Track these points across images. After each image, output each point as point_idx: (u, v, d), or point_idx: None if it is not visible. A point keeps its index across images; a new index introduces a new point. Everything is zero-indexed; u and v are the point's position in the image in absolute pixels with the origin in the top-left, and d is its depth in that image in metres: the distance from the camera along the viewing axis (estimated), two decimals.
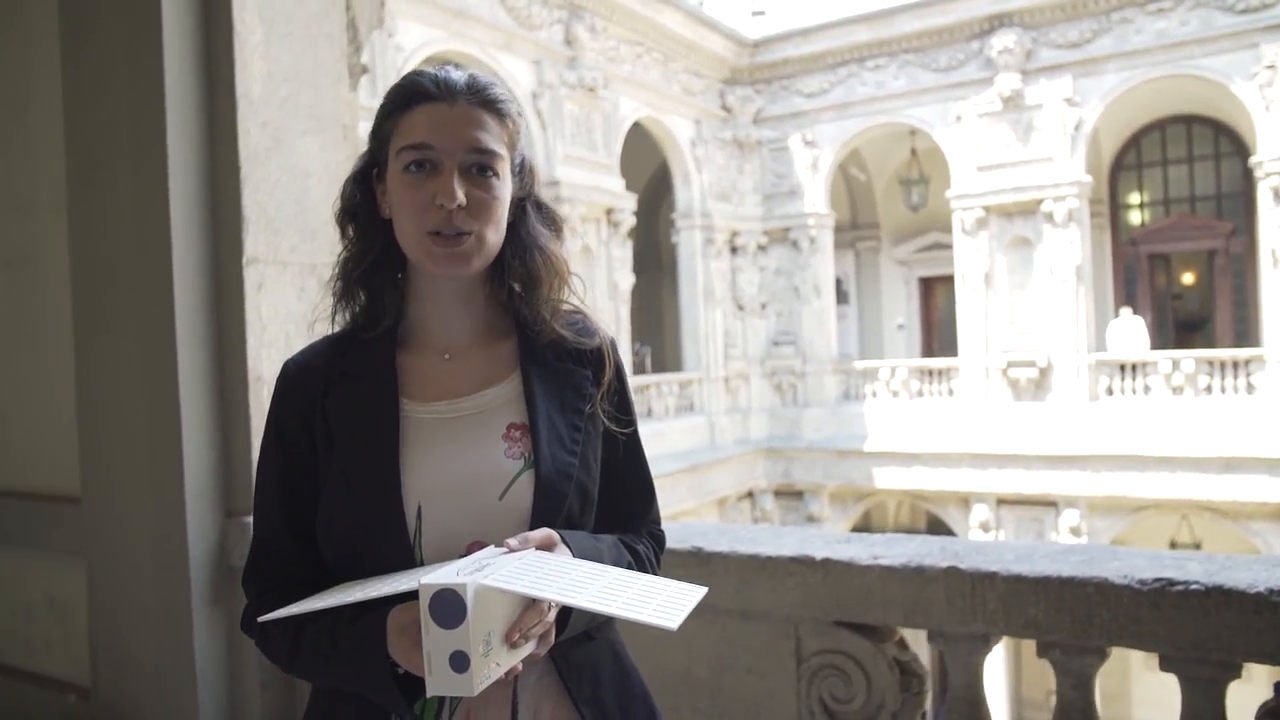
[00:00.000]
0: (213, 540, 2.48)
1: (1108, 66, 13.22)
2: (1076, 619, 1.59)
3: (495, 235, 1.17)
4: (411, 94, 1.16)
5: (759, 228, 15.87)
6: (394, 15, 10.05)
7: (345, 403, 1.17)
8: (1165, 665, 1.58)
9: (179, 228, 2.43)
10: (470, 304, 1.23)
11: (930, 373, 15.04)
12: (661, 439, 13.73)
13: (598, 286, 12.92)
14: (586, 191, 12.61)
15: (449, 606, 0.90)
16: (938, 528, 14.76)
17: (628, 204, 13.48)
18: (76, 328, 2.69)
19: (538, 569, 0.98)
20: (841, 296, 17.78)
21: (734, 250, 15.73)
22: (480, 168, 1.14)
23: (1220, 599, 1.50)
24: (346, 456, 1.14)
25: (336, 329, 1.24)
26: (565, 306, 1.25)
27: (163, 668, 2.52)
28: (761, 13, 15.79)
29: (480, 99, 1.16)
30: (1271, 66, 12.22)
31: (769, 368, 15.91)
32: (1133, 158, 16.73)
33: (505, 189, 1.18)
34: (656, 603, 0.97)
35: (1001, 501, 13.80)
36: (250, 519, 2.40)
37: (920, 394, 14.98)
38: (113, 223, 2.57)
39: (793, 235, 15.74)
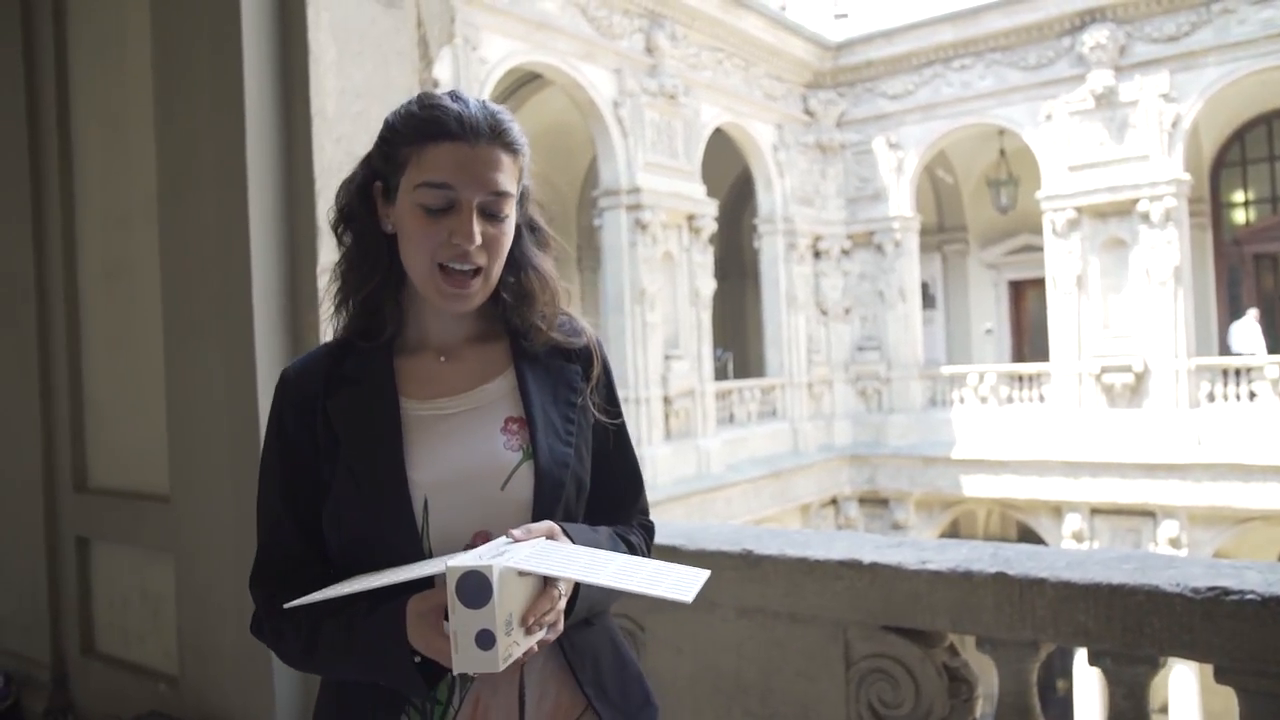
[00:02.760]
0: None
1: (1208, 60, 12.70)
2: (1127, 627, 1.56)
3: (499, 267, 1.23)
4: (435, 130, 1.19)
5: (842, 232, 15.70)
6: (477, 29, 10.27)
7: (347, 405, 1.23)
8: (1220, 677, 1.54)
9: (257, 239, 2.55)
10: (465, 314, 1.28)
11: (1020, 378, 14.65)
12: (744, 444, 13.69)
13: (679, 292, 12.96)
14: (668, 198, 12.67)
15: (475, 587, 0.96)
16: (1029, 537, 14.35)
17: (709, 210, 13.49)
18: (166, 335, 2.84)
19: (553, 555, 1.04)
20: (928, 301, 17.46)
21: (817, 255, 15.59)
22: (495, 208, 1.20)
23: (1279, 609, 1.45)
24: (353, 455, 1.20)
25: (335, 335, 1.29)
26: (555, 314, 1.31)
27: (242, 659, 2.64)
28: (844, 15, 15.64)
29: (500, 141, 1.21)
30: None
31: (853, 373, 15.71)
32: (1236, 154, 16.03)
33: (512, 224, 1.24)
34: (669, 582, 1.03)
35: (1096, 511, 13.35)
36: None
37: (1010, 400, 14.61)
38: (197, 234, 2.71)
39: (877, 239, 15.53)
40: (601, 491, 1.30)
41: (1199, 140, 14.62)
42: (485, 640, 0.96)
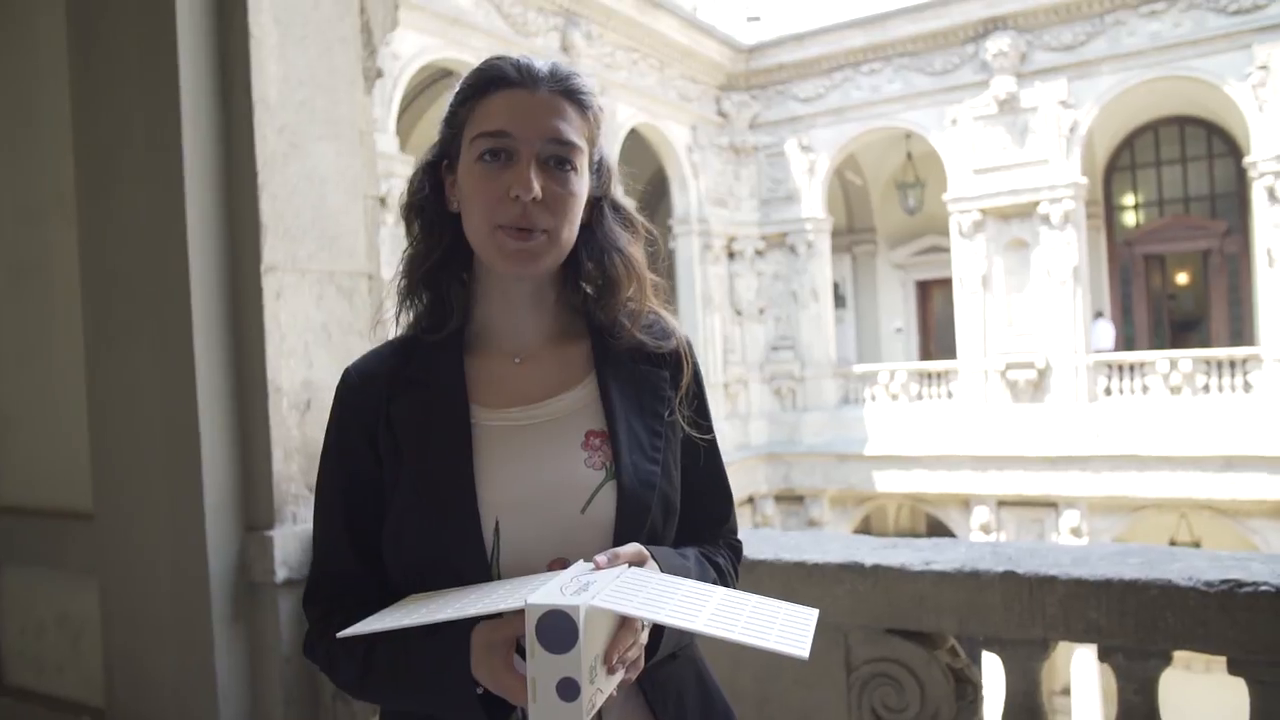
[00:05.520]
0: (232, 555, 2.42)
1: (1102, 68, 13.25)
2: (1140, 623, 1.55)
3: (569, 233, 1.10)
4: (490, 79, 1.10)
5: (756, 233, 15.86)
6: None
7: (412, 410, 1.11)
8: (1234, 669, 1.54)
9: (195, 235, 2.38)
10: (541, 305, 1.16)
11: (929, 375, 15.03)
12: None
13: None
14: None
15: (558, 630, 0.83)
16: (938, 530, 14.73)
17: None
18: (87, 339, 2.63)
19: (642, 589, 0.91)
20: (839, 301, 17.77)
21: (731, 256, 15.71)
22: (559, 160, 1.08)
23: None
24: (416, 468, 1.08)
25: (400, 332, 1.18)
26: (643, 309, 1.19)
27: (182, 686, 2.46)
28: (756, 18, 15.80)
29: (563, 88, 1.10)
30: (1264, 67, 12.26)
31: (768, 373, 15.88)
32: (1126, 159, 16.77)
33: (583, 185, 1.11)
34: (777, 627, 0.90)
35: (1002, 503, 13.78)
36: (272, 533, 2.36)
37: (919, 397, 14.96)
38: (126, 231, 2.52)
39: (790, 240, 15.73)
40: (689, 511, 1.17)
41: (1093, 145, 15.24)
42: (569, 690, 0.84)
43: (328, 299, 2.56)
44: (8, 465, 3.10)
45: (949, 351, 15.27)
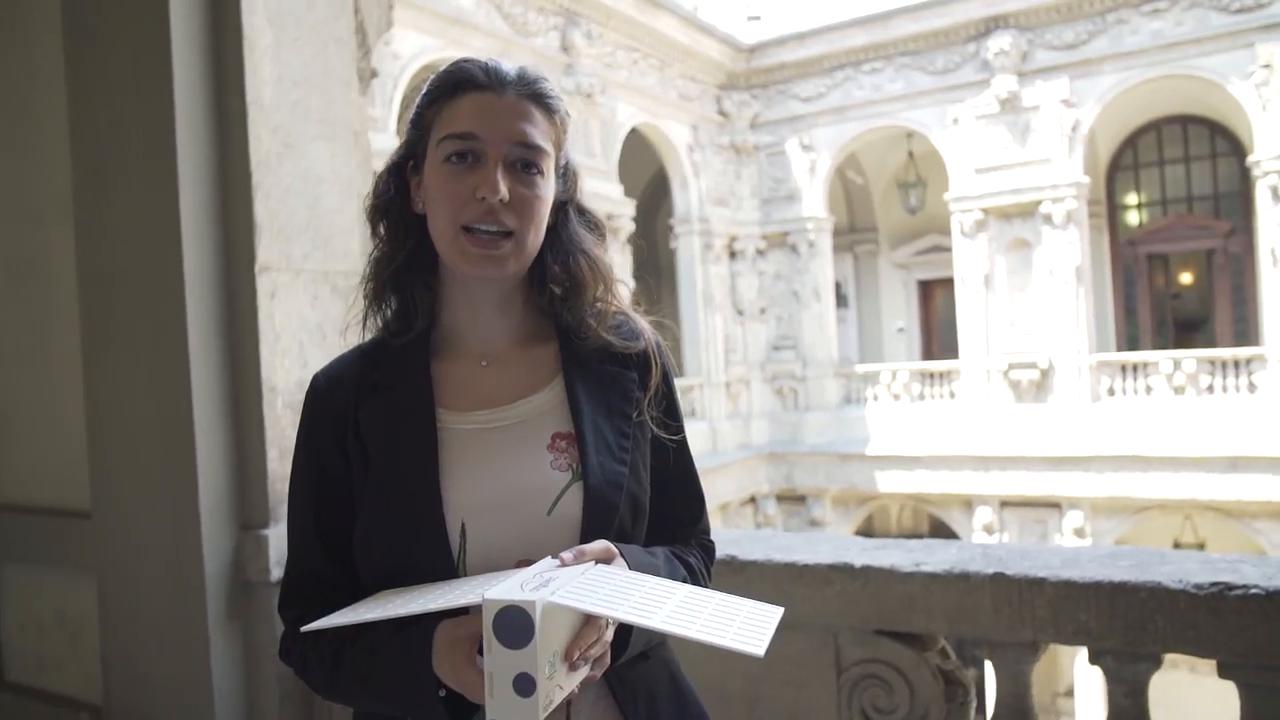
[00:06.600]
0: (228, 554, 2.43)
1: (1104, 67, 13.23)
2: (1130, 625, 1.55)
3: (535, 237, 1.12)
4: (458, 81, 1.11)
5: (757, 232, 15.86)
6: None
7: (378, 415, 1.12)
8: (1224, 672, 1.54)
9: (190, 235, 2.38)
10: (508, 308, 1.17)
11: (931, 375, 15.01)
12: None
13: None
14: (586, 198, 12.53)
15: (514, 625, 0.84)
16: (940, 530, 14.72)
17: (626, 210, 13.44)
18: (84, 339, 2.64)
19: (603, 585, 0.92)
20: (841, 300, 17.75)
21: (733, 255, 15.71)
22: (525, 163, 1.09)
23: None
24: (383, 473, 1.09)
25: (368, 336, 1.19)
26: (610, 309, 1.20)
27: (178, 684, 2.47)
28: (757, 18, 15.79)
29: (530, 92, 1.12)
30: (1268, 66, 12.22)
31: (769, 372, 15.87)
32: (1129, 158, 16.73)
33: (549, 189, 1.13)
34: (736, 625, 0.91)
35: (1005, 504, 13.75)
36: (266, 532, 2.36)
37: (921, 397, 14.95)
38: (121, 231, 2.53)
39: (791, 239, 15.73)
40: (660, 512, 1.18)
41: (1095, 145, 15.21)
42: (524, 685, 0.85)
43: (322, 299, 2.56)
44: (7, 464, 3.10)
45: (951, 351, 15.24)
